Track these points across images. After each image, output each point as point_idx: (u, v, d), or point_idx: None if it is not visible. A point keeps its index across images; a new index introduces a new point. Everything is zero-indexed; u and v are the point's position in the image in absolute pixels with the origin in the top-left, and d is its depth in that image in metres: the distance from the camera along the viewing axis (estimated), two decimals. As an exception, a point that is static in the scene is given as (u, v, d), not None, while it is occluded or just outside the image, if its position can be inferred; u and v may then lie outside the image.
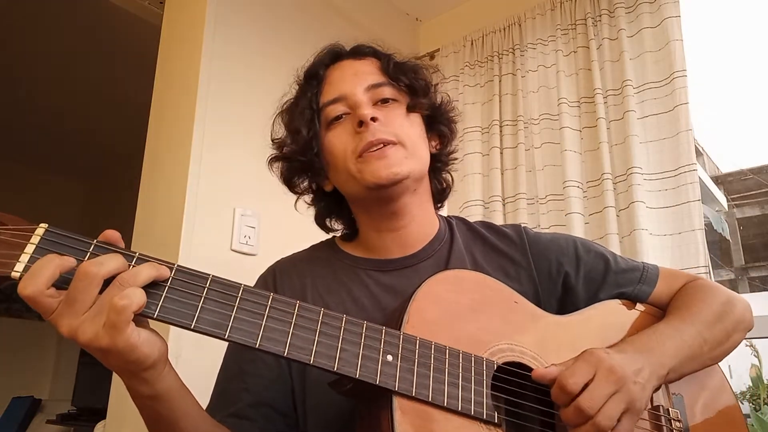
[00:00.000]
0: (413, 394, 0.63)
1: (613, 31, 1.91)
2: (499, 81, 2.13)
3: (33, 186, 4.22)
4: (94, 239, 0.58)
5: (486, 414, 0.66)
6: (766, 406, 3.54)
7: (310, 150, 0.86)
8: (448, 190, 0.98)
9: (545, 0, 2.09)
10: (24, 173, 4.20)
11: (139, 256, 0.58)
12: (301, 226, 0.97)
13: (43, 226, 0.57)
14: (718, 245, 7.41)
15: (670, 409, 0.80)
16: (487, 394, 0.67)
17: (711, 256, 1.74)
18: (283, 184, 0.93)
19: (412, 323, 0.68)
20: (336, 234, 0.97)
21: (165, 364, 0.61)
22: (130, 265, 0.57)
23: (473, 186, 2.08)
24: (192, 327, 0.57)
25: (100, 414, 1.82)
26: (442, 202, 0.99)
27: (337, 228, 0.97)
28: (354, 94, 0.85)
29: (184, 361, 1.35)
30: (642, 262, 0.95)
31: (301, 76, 0.92)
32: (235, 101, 1.68)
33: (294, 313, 0.62)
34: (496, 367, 0.70)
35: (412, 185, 0.85)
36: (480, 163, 2.11)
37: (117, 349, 0.54)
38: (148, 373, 0.59)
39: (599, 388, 0.65)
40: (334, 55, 0.92)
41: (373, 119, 0.81)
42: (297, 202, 0.95)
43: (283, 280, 0.89)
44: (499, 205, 2.01)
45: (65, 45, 2.80)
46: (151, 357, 0.58)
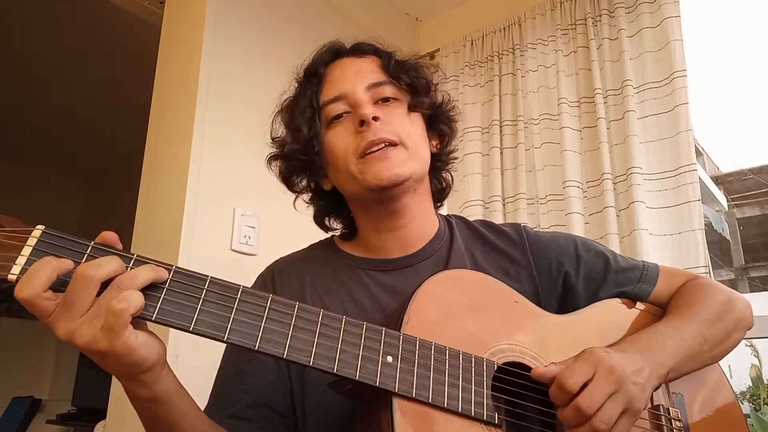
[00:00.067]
0: (413, 395, 0.63)
1: (613, 31, 1.90)
2: (499, 81, 2.13)
3: (33, 186, 4.22)
4: (91, 241, 0.58)
5: (486, 415, 0.66)
6: (766, 406, 3.54)
7: (310, 149, 0.86)
8: (448, 189, 0.97)
9: (545, 0, 2.09)
10: (24, 173, 4.20)
11: (136, 258, 0.58)
12: (301, 226, 0.97)
13: (40, 227, 0.56)
14: (718, 245, 7.40)
15: (670, 408, 0.80)
16: (487, 394, 0.67)
17: (711, 256, 1.73)
18: (281, 182, 0.92)
19: (412, 324, 0.68)
20: (335, 233, 0.97)
21: (163, 366, 0.61)
22: (127, 267, 0.57)
23: (473, 186, 2.08)
24: (191, 329, 0.57)
25: (100, 414, 1.82)
26: (441, 202, 0.98)
27: (336, 227, 0.96)
28: (355, 93, 0.84)
29: (183, 362, 1.35)
30: (642, 261, 0.95)
31: (300, 74, 0.91)
32: (235, 101, 1.68)
33: (293, 315, 0.61)
34: (497, 368, 0.70)
35: (412, 186, 0.85)
36: (480, 163, 2.11)
37: (115, 353, 0.54)
38: (146, 375, 0.59)
39: (598, 387, 0.65)
40: (334, 53, 0.91)
41: (375, 118, 0.81)
42: (296, 200, 0.95)
43: (282, 280, 0.89)
44: (499, 205, 2.01)
45: (65, 45, 2.80)
46: (149, 360, 0.57)
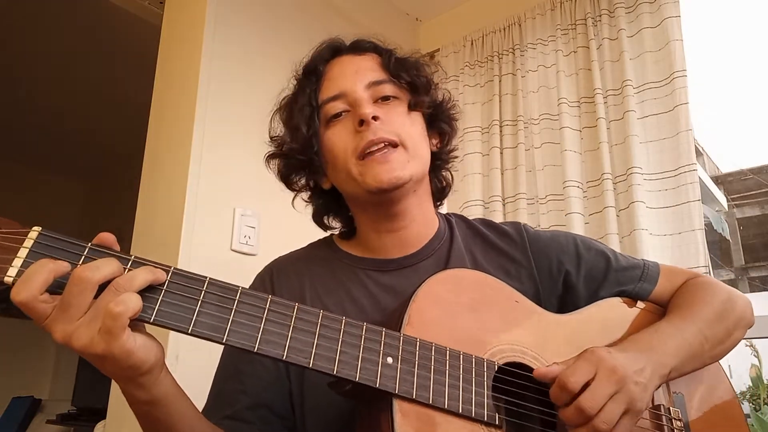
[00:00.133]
0: (413, 397, 0.62)
1: (613, 31, 1.90)
2: (499, 81, 2.13)
3: (33, 186, 4.22)
4: (88, 242, 0.57)
5: (487, 416, 0.66)
6: (766, 406, 3.54)
7: (309, 148, 0.85)
8: (448, 188, 0.96)
9: (545, 0, 2.08)
10: (24, 173, 4.20)
11: (134, 260, 0.57)
12: (301, 225, 0.97)
13: (37, 229, 0.55)
14: (718, 245, 7.40)
15: (671, 408, 0.80)
16: (488, 395, 0.67)
17: (711, 256, 1.73)
18: (280, 180, 0.92)
19: (412, 324, 0.68)
20: (334, 232, 0.96)
21: (161, 368, 0.61)
22: (125, 269, 0.56)
23: (473, 186, 2.08)
24: (189, 331, 0.56)
25: (100, 414, 1.82)
26: (441, 201, 0.97)
27: (335, 226, 0.95)
28: (354, 91, 0.83)
29: (183, 362, 1.35)
30: (642, 260, 0.94)
31: (299, 72, 0.90)
32: (235, 101, 1.68)
33: (293, 316, 0.61)
34: (497, 368, 0.70)
35: (412, 187, 0.84)
36: (480, 163, 2.10)
37: (112, 356, 0.54)
38: (145, 378, 0.59)
39: (600, 387, 0.65)
40: (334, 50, 0.90)
41: (374, 118, 0.80)
42: (294, 199, 0.94)
43: (281, 280, 0.88)
44: (499, 205, 2.01)
45: (65, 45, 2.79)
46: (148, 362, 0.57)
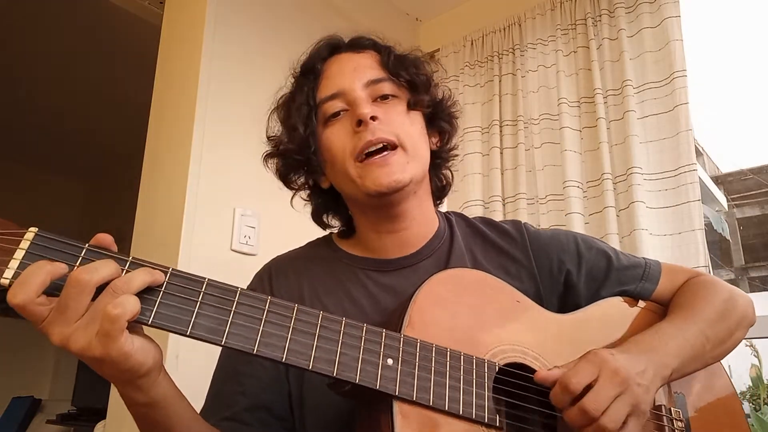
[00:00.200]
0: (414, 399, 0.62)
1: (613, 31, 1.90)
2: (499, 81, 2.13)
3: (33, 186, 4.22)
4: (86, 243, 0.56)
5: (488, 417, 0.66)
6: (766, 406, 3.54)
7: (307, 148, 0.84)
8: (448, 187, 0.96)
9: (545, 0, 2.08)
10: (24, 173, 4.20)
11: (132, 261, 0.57)
12: (301, 225, 0.97)
13: (33, 230, 0.55)
14: (718, 245, 7.40)
15: (672, 408, 0.79)
16: (488, 397, 0.67)
17: (711, 256, 1.73)
18: (278, 179, 0.91)
19: (413, 325, 0.67)
20: (333, 231, 0.95)
21: (160, 371, 0.60)
22: (123, 270, 0.56)
23: (473, 186, 2.08)
24: (188, 333, 0.56)
25: (100, 414, 1.82)
26: (441, 199, 0.96)
27: (335, 224, 0.95)
28: (353, 90, 0.82)
29: (183, 361, 1.34)
30: (643, 258, 0.94)
31: (297, 69, 0.89)
32: (235, 101, 1.68)
33: (292, 317, 0.61)
34: (498, 369, 0.69)
35: (413, 189, 0.83)
36: (480, 163, 2.10)
37: (110, 359, 0.53)
38: (143, 380, 0.58)
39: (604, 389, 0.65)
40: (332, 48, 0.89)
41: (373, 118, 0.79)
42: (293, 198, 0.93)
43: (279, 279, 0.87)
44: (499, 205, 2.01)
45: (65, 45, 2.79)
46: (146, 365, 0.57)
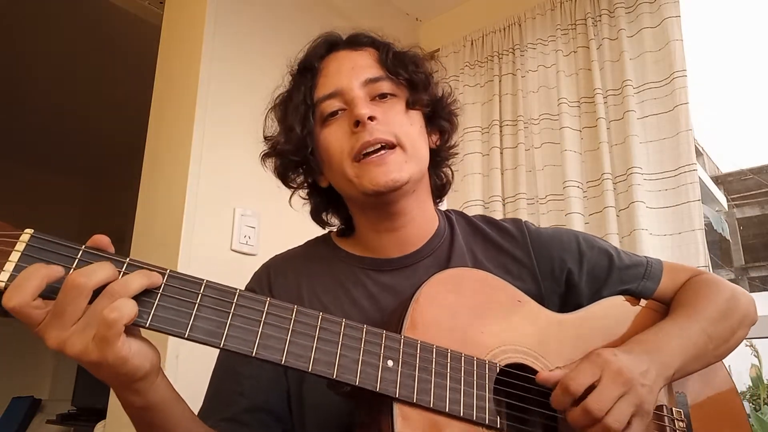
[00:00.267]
0: (414, 401, 0.62)
1: (613, 31, 1.90)
2: (499, 81, 2.13)
3: (33, 186, 4.21)
4: (82, 244, 0.56)
5: (488, 419, 0.65)
6: (766, 406, 3.54)
7: (304, 148, 0.83)
8: (448, 185, 0.94)
9: (545, 0, 2.08)
10: (24, 173, 4.20)
11: (129, 262, 0.56)
12: (301, 225, 0.96)
13: (29, 231, 0.54)
14: (718, 245, 7.40)
15: (673, 408, 0.79)
16: (489, 398, 0.66)
17: (711, 256, 1.73)
18: (277, 178, 0.90)
19: (413, 326, 0.67)
20: (332, 229, 0.95)
21: (157, 374, 0.60)
22: (120, 272, 0.55)
23: (473, 186, 2.08)
24: (186, 336, 0.56)
25: (100, 414, 1.82)
26: (441, 198, 0.95)
27: (334, 223, 0.94)
28: (351, 90, 0.81)
29: (183, 361, 1.34)
30: (645, 257, 0.93)
31: (294, 68, 0.88)
32: (235, 101, 1.68)
33: (291, 319, 0.60)
34: (499, 370, 0.69)
35: (411, 188, 0.82)
36: (480, 163, 2.10)
37: (107, 363, 0.53)
38: (140, 384, 0.58)
39: (607, 389, 0.65)
40: (329, 45, 0.87)
41: (371, 118, 0.78)
42: (292, 197, 0.92)
43: (278, 279, 0.87)
44: (499, 205, 2.01)
45: (65, 45, 2.79)
46: (143, 369, 0.56)
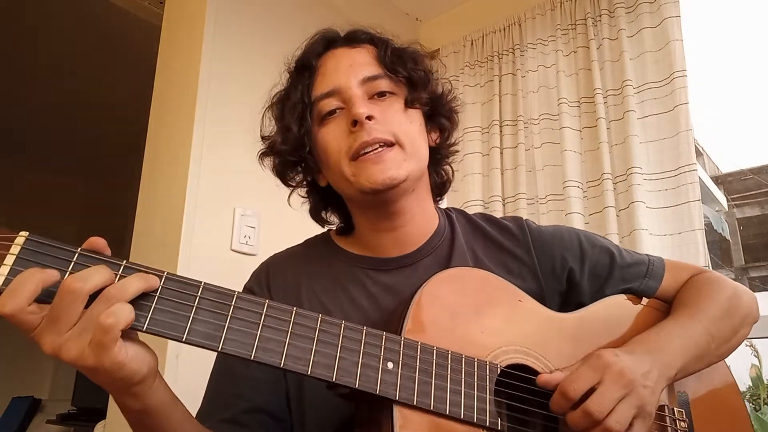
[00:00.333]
0: (414, 403, 0.62)
1: (613, 31, 1.90)
2: (499, 81, 2.13)
3: (33, 186, 4.21)
4: (78, 247, 0.55)
5: (489, 421, 0.65)
6: (766, 406, 3.54)
7: (301, 148, 0.82)
8: (449, 183, 0.93)
9: (545, 0, 2.08)
10: (24, 173, 4.20)
11: (126, 265, 0.55)
12: (301, 225, 0.96)
13: (24, 234, 0.53)
14: (718, 245, 7.41)
15: (675, 408, 0.79)
16: (490, 400, 0.66)
17: (711, 256, 1.74)
18: (276, 176, 0.89)
19: (414, 327, 0.67)
20: (332, 227, 0.94)
21: (155, 378, 0.60)
22: (116, 275, 0.54)
23: (473, 186, 2.08)
24: (183, 339, 0.55)
25: (100, 414, 1.83)
26: (441, 196, 0.94)
27: (334, 221, 0.93)
28: (349, 88, 0.79)
29: (183, 361, 1.34)
30: (647, 255, 0.93)
31: (292, 65, 0.87)
32: (235, 101, 1.68)
33: (290, 321, 0.60)
34: (500, 371, 0.69)
35: (410, 186, 0.81)
36: (480, 163, 2.11)
37: (103, 368, 0.52)
38: (138, 388, 0.57)
39: (609, 391, 0.64)
40: (327, 42, 0.87)
41: (369, 118, 0.76)
42: (290, 195, 0.91)
43: (277, 279, 0.86)
44: (499, 205, 2.01)
45: (65, 45, 2.79)
46: (140, 373, 0.56)
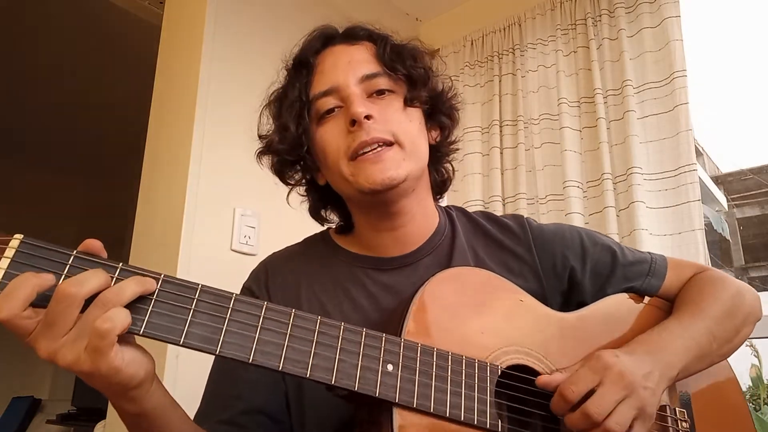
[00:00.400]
0: (414, 406, 0.61)
1: (613, 31, 1.90)
2: (499, 81, 2.13)
3: (33, 186, 4.21)
4: (74, 250, 0.54)
5: (489, 423, 0.65)
6: (766, 406, 3.54)
7: (299, 147, 0.81)
8: (449, 181, 0.92)
9: (545, 0, 2.08)
10: (24, 173, 4.19)
11: (122, 268, 0.55)
12: (301, 225, 0.96)
13: (18, 237, 0.53)
14: (718, 245, 7.41)
15: (677, 408, 0.78)
16: (490, 402, 0.66)
17: (711, 256, 1.74)
18: (274, 175, 0.88)
19: (414, 328, 0.66)
20: (331, 226, 0.93)
21: (152, 381, 0.59)
22: (113, 278, 0.54)
23: (473, 186, 2.08)
24: (181, 342, 0.55)
25: (100, 414, 1.83)
26: (442, 194, 0.93)
27: (333, 220, 0.92)
28: (347, 86, 0.78)
29: (183, 362, 1.34)
30: (649, 253, 0.92)
31: (290, 62, 0.85)
32: (235, 101, 1.68)
33: (289, 324, 0.59)
34: (500, 373, 0.68)
35: (410, 186, 0.80)
36: (480, 163, 2.11)
37: (100, 373, 0.52)
38: (135, 392, 0.57)
39: (609, 393, 0.64)
40: (325, 39, 0.85)
41: (368, 117, 0.75)
42: (289, 194, 0.90)
43: (276, 278, 0.85)
44: (499, 205, 2.01)
45: (65, 45, 2.79)
46: (137, 377, 0.55)
